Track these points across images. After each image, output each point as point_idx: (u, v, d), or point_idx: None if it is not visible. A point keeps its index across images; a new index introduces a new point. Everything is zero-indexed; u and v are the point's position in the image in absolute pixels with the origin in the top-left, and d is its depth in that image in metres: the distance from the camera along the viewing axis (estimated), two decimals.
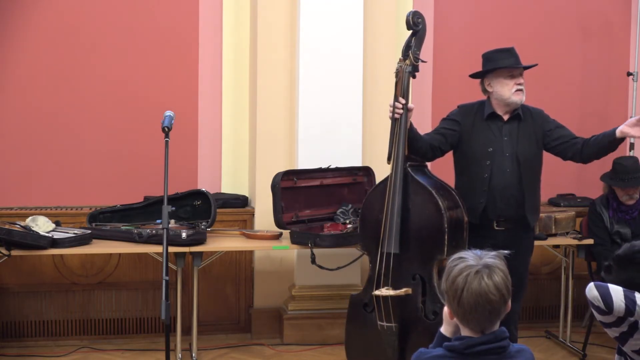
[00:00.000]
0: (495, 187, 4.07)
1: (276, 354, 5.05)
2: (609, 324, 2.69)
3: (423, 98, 5.66)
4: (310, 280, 5.22)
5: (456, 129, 4.17)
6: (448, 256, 3.80)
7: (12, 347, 5.03)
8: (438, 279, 3.86)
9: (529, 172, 4.11)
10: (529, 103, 4.31)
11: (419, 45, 4.05)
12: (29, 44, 5.24)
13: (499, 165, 4.08)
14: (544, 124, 4.18)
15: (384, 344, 3.98)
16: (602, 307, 2.64)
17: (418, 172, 4.02)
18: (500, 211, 4.08)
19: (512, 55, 4.14)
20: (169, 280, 3.35)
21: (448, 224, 3.85)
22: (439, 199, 3.87)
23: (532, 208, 4.14)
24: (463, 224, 3.95)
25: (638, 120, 3.92)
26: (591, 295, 2.66)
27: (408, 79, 4.03)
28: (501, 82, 4.11)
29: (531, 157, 4.12)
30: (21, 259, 4.88)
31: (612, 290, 2.64)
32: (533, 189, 4.15)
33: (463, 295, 2.22)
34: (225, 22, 5.46)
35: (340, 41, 5.19)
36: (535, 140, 4.14)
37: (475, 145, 4.12)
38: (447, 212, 3.86)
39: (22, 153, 5.26)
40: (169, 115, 3.77)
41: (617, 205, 5.01)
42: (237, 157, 5.53)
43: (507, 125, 4.13)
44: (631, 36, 5.94)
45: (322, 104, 5.17)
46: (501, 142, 4.10)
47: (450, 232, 3.85)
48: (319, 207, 5.01)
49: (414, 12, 4.05)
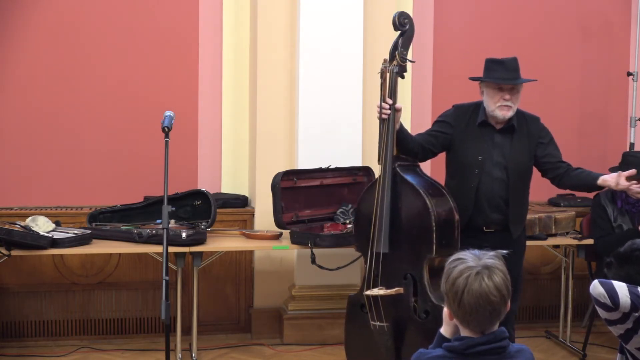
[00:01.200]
0: (483, 195, 4.03)
1: (276, 354, 5.05)
2: (614, 321, 2.69)
3: (423, 98, 5.66)
4: (310, 280, 5.22)
5: (448, 132, 4.12)
6: (437, 255, 3.82)
7: (12, 347, 5.03)
8: (429, 277, 3.85)
9: (517, 182, 4.06)
10: (529, 104, 4.31)
11: (406, 46, 4.01)
12: (29, 44, 5.24)
13: (487, 174, 4.04)
14: (540, 135, 4.11)
15: (377, 344, 3.99)
16: (608, 304, 2.63)
17: (408, 172, 4.00)
18: (488, 219, 4.06)
19: (506, 69, 3.99)
20: (169, 280, 3.34)
21: (436, 222, 3.82)
22: (427, 198, 3.85)
23: (517, 218, 4.10)
24: (454, 222, 3.91)
25: (619, 176, 3.90)
26: (596, 292, 2.66)
27: (395, 79, 3.98)
28: (489, 93, 4.01)
29: (522, 168, 4.08)
30: (21, 259, 4.88)
31: (617, 286, 2.64)
32: (520, 200, 4.11)
33: (464, 296, 2.22)
34: (225, 22, 5.46)
35: (340, 41, 5.19)
36: (527, 150, 4.09)
37: (466, 152, 4.07)
38: (435, 210, 3.83)
39: (22, 153, 5.26)
40: (169, 115, 3.77)
41: (626, 196, 4.94)
42: (237, 157, 5.53)
43: (500, 135, 4.06)
44: (631, 36, 5.94)
45: (322, 104, 5.17)
46: (491, 152, 4.04)
47: (438, 231, 3.83)
48: (319, 207, 5.01)
49: (400, 13, 4.02)
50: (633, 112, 5.73)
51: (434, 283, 3.83)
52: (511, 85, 3.99)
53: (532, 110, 4.27)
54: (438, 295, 3.80)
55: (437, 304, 3.77)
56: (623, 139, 5.94)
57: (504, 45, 5.72)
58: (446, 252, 3.74)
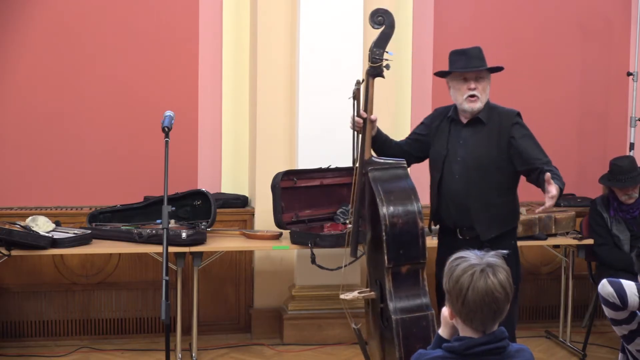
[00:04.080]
0: (445, 193, 3.88)
1: (276, 354, 5.05)
2: (620, 321, 2.70)
3: (423, 98, 5.66)
4: (310, 280, 5.22)
5: (424, 133, 4.04)
6: (394, 264, 3.65)
7: (12, 347, 5.03)
8: (392, 286, 3.68)
9: (480, 178, 3.81)
10: (531, 103, 4.30)
11: (381, 44, 3.82)
12: (29, 45, 5.24)
13: (449, 171, 3.87)
14: (511, 130, 3.81)
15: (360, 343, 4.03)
16: (617, 303, 2.64)
17: (381, 176, 3.81)
18: (455, 219, 3.88)
19: (468, 58, 3.84)
20: (169, 280, 3.34)
21: (386, 232, 3.64)
22: (383, 205, 3.67)
23: (483, 219, 3.82)
24: (415, 230, 3.67)
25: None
26: (605, 292, 2.66)
27: (368, 80, 3.85)
28: (455, 86, 3.87)
29: (486, 163, 3.80)
30: (21, 259, 4.88)
31: (625, 285, 2.65)
32: (484, 197, 3.82)
33: (468, 294, 2.20)
34: (225, 22, 5.46)
35: (340, 41, 5.18)
36: (496, 145, 3.81)
37: (434, 150, 3.97)
38: (387, 219, 3.64)
39: (22, 153, 5.26)
40: (169, 115, 3.77)
41: (617, 205, 5.03)
42: (237, 157, 5.53)
43: (466, 129, 3.89)
44: (631, 36, 5.94)
45: (322, 104, 5.17)
46: (456, 147, 3.88)
47: (389, 241, 3.64)
48: (319, 207, 5.00)
49: (374, 11, 3.85)
50: (633, 112, 5.73)
51: (400, 291, 3.68)
52: (475, 73, 3.83)
53: (532, 110, 4.26)
54: (397, 306, 3.66)
55: (393, 314, 3.61)
56: (623, 139, 5.95)
57: (504, 45, 5.73)
58: (410, 261, 3.68)
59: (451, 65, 3.92)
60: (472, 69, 3.84)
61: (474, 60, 3.85)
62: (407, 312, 3.62)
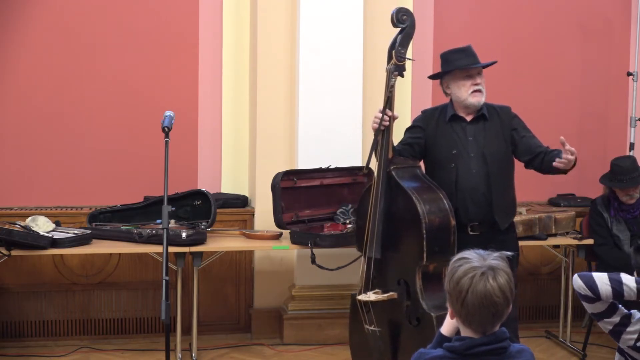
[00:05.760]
0: (463, 189, 3.93)
1: (276, 354, 5.05)
2: (601, 314, 2.75)
3: (423, 98, 5.66)
4: (310, 280, 5.22)
5: (421, 136, 4.07)
6: (429, 262, 3.74)
7: (12, 347, 5.03)
8: (422, 284, 3.76)
9: (497, 171, 3.95)
10: (531, 103, 4.31)
11: (405, 44, 3.89)
12: (29, 44, 5.24)
13: (464, 167, 3.94)
14: (512, 122, 4.02)
15: (371, 347, 3.97)
16: (589, 295, 2.71)
17: (404, 175, 3.89)
18: (472, 214, 3.93)
19: (468, 55, 3.96)
20: (169, 280, 3.34)
21: (427, 229, 3.71)
22: (419, 203, 3.74)
23: (502, 209, 3.97)
24: (449, 227, 3.78)
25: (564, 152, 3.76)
26: (577, 286, 2.75)
27: (389, 77, 3.88)
28: (458, 83, 3.96)
29: (500, 156, 3.98)
30: (21, 259, 4.88)
31: (595, 276, 2.72)
32: (503, 189, 3.99)
33: (467, 296, 2.21)
34: (225, 22, 5.46)
35: (340, 41, 5.19)
36: (503, 138, 4.00)
37: (440, 149, 4.00)
38: (426, 217, 3.72)
39: (22, 153, 5.26)
40: (169, 115, 3.77)
41: (618, 205, 5.03)
42: (237, 157, 5.53)
43: (472, 126, 3.99)
44: (631, 36, 5.94)
45: (322, 104, 5.17)
46: (466, 144, 3.96)
47: (429, 238, 3.71)
48: (319, 207, 5.00)
49: (398, 9, 3.91)
50: (633, 112, 5.73)
51: (428, 289, 3.76)
52: (479, 69, 3.97)
53: (532, 110, 4.28)
54: (430, 303, 3.74)
55: (428, 312, 3.71)
56: (623, 139, 5.95)
57: (504, 45, 5.73)
58: (440, 259, 3.72)
59: (452, 64, 3.96)
60: (479, 65, 3.97)
61: (475, 57, 3.98)
62: (441, 309, 3.62)
